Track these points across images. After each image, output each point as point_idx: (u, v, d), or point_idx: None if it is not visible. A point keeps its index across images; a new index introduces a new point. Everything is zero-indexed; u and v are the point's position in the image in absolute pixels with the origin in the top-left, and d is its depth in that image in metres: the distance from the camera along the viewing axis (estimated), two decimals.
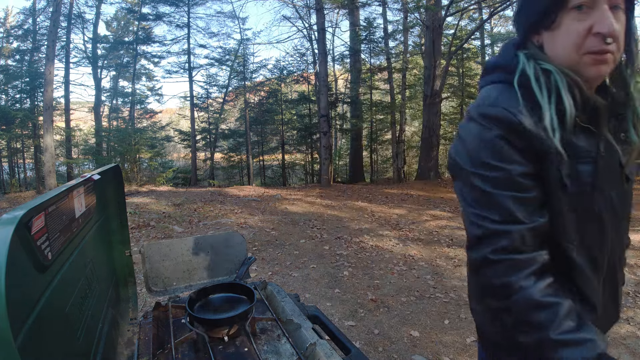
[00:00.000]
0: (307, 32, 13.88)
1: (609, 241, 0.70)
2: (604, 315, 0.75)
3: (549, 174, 0.64)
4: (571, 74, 0.64)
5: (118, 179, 1.45)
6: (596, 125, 0.66)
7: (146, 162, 13.15)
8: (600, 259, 0.71)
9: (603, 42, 0.60)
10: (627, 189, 0.73)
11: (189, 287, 1.44)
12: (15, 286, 0.54)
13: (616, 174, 0.70)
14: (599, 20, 0.60)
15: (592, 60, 0.62)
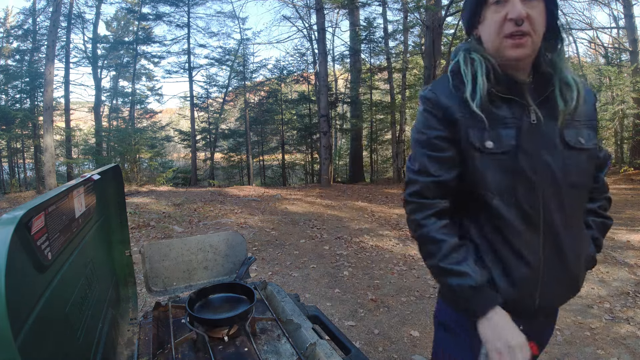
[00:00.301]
0: (307, 32, 13.88)
1: (540, 200, 0.80)
2: (550, 276, 0.83)
3: (460, 137, 0.81)
4: (490, 58, 0.80)
5: (118, 179, 1.45)
6: (521, 97, 0.80)
7: (146, 162, 13.15)
8: (535, 217, 0.80)
9: (515, 25, 0.74)
10: (569, 155, 0.81)
11: (189, 287, 1.44)
12: (15, 286, 0.54)
13: (551, 140, 0.80)
14: (511, 9, 0.74)
15: (511, 44, 0.76)
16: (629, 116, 12.84)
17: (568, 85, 0.81)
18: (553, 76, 0.81)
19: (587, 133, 0.84)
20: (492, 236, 0.83)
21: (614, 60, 15.94)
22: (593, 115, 0.87)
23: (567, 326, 2.63)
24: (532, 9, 0.75)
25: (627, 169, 11.91)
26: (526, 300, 0.84)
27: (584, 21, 16.67)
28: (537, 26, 0.76)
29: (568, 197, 0.82)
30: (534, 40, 0.76)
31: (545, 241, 0.82)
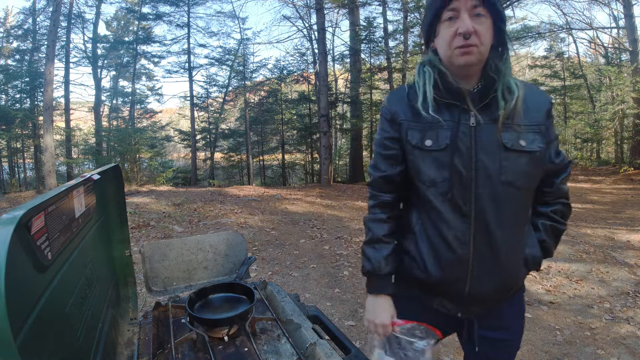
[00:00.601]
0: (307, 32, 13.88)
1: (473, 195, 0.88)
2: (482, 268, 0.91)
3: (401, 137, 0.96)
4: (442, 68, 0.90)
5: (118, 179, 1.45)
6: (462, 103, 0.89)
7: (146, 162, 13.14)
8: (466, 210, 0.89)
9: (463, 38, 0.84)
10: (506, 156, 0.88)
11: (189, 287, 1.44)
12: (15, 286, 0.53)
13: (489, 141, 0.88)
14: (461, 24, 0.84)
15: (459, 53, 0.86)
16: (629, 116, 12.84)
17: (510, 90, 0.88)
18: (496, 82, 0.89)
19: (532, 137, 0.89)
20: (428, 226, 0.95)
21: (614, 60, 15.93)
22: (542, 121, 0.92)
23: (567, 326, 2.63)
24: (480, 25, 0.85)
25: (627, 169, 11.90)
26: (456, 286, 0.94)
27: (584, 21, 16.65)
28: (484, 39, 0.85)
29: (503, 195, 0.88)
30: (480, 51, 0.86)
31: (477, 234, 0.90)
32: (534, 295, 3.16)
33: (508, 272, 0.94)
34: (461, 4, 0.84)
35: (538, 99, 0.93)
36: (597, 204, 7.55)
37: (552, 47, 18.77)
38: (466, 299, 0.95)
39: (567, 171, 1.00)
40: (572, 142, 18.59)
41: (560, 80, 18.36)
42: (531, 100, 0.91)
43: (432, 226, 0.94)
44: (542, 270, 3.74)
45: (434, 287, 0.98)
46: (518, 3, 11.21)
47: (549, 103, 0.94)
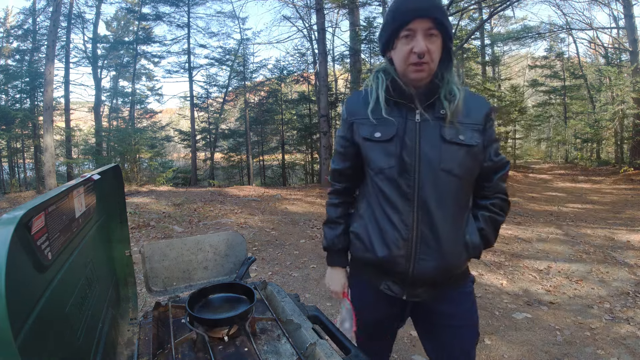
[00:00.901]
0: (307, 32, 13.88)
1: (416, 180, 1.01)
2: (424, 248, 1.02)
3: (353, 137, 1.12)
4: (393, 75, 1.04)
5: (118, 179, 1.45)
6: (410, 102, 1.03)
7: (146, 162, 13.14)
8: (410, 194, 1.01)
9: (418, 57, 0.96)
10: (446, 148, 1.00)
11: (189, 287, 1.44)
12: (15, 286, 0.54)
13: (431, 134, 1.01)
14: (416, 44, 0.96)
15: (413, 70, 0.99)
16: (629, 116, 12.83)
17: (452, 94, 1.02)
18: (440, 87, 1.02)
19: (471, 134, 1.02)
20: (376, 209, 1.07)
21: (614, 60, 15.93)
22: (481, 122, 1.05)
23: (567, 326, 2.63)
24: (432, 44, 0.97)
25: (627, 169, 11.90)
26: (401, 265, 1.04)
27: (584, 21, 16.65)
28: (435, 56, 0.99)
29: (441, 180, 1.00)
30: (431, 67, 0.99)
31: (419, 215, 1.01)
32: (534, 296, 3.16)
33: (449, 254, 1.03)
34: (418, 26, 0.95)
35: (479, 103, 1.07)
36: (597, 204, 7.55)
37: (552, 47, 18.75)
38: (411, 279, 1.05)
39: (505, 169, 1.12)
40: (572, 142, 18.58)
41: (560, 81, 18.34)
42: (472, 103, 1.06)
43: (380, 209, 1.06)
44: (542, 270, 3.75)
45: (381, 266, 1.08)
46: (518, 3, 11.20)
47: (488, 107, 1.07)
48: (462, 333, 1.13)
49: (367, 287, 1.16)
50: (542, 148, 22.72)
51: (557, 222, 5.92)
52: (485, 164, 1.08)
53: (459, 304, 1.12)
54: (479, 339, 1.23)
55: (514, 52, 20.10)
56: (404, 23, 0.96)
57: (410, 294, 1.08)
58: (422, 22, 0.95)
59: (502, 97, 15.11)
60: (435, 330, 1.17)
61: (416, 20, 0.95)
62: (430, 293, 1.08)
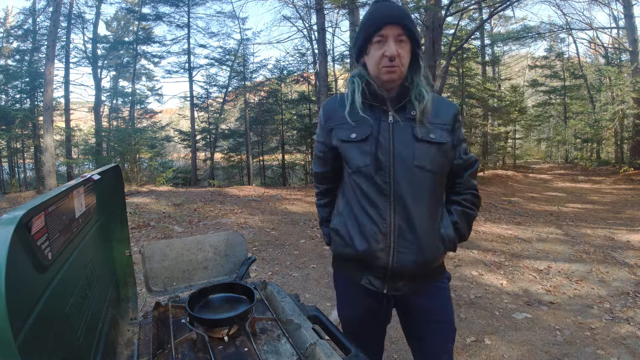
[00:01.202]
0: (307, 32, 13.88)
1: (391, 177, 1.07)
2: (402, 241, 1.07)
3: (330, 141, 1.18)
4: (370, 80, 1.11)
5: (118, 179, 1.45)
6: (383, 104, 1.10)
7: (146, 162, 13.13)
8: (386, 190, 1.07)
9: (389, 60, 1.04)
10: (418, 146, 1.07)
11: (189, 287, 1.43)
12: (15, 286, 0.53)
13: (404, 133, 1.08)
14: (387, 48, 1.04)
15: (385, 71, 1.06)
16: (629, 116, 12.83)
17: (421, 96, 1.10)
18: (410, 90, 1.10)
19: (440, 133, 1.10)
20: (355, 206, 1.13)
21: (614, 60, 15.93)
22: (449, 122, 1.12)
23: (567, 326, 2.63)
24: (402, 49, 1.05)
25: (627, 169, 11.90)
26: (380, 260, 1.09)
27: (584, 21, 16.65)
28: (404, 60, 1.07)
29: (416, 176, 1.07)
30: (401, 70, 1.07)
31: (396, 209, 1.07)
32: (534, 295, 3.16)
33: (426, 247, 1.08)
34: (389, 32, 1.04)
35: (446, 106, 1.16)
36: (597, 204, 7.55)
37: (552, 47, 18.76)
38: (391, 272, 1.10)
39: (474, 167, 1.19)
40: (572, 142, 18.59)
41: (560, 81, 18.34)
42: (440, 105, 1.14)
43: (359, 205, 1.12)
44: (542, 270, 3.75)
45: (362, 261, 1.13)
46: (518, 3, 11.20)
47: (455, 109, 1.16)
48: (441, 328, 1.17)
49: (349, 283, 1.22)
50: (542, 148, 22.72)
51: (557, 222, 5.92)
52: (456, 161, 1.15)
53: (437, 298, 1.17)
54: (479, 339, 1.24)
55: (514, 52, 20.11)
56: (376, 29, 1.04)
57: (391, 288, 1.12)
58: (393, 28, 1.03)
59: (502, 97, 15.10)
60: (416, 326, 1.21)
61: (387, 27, 1.03)
62: (410, 286, 1.13)
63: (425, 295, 1.15)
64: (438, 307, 1.16)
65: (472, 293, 3.21)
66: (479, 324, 2.67)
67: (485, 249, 4.45)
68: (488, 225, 5.67)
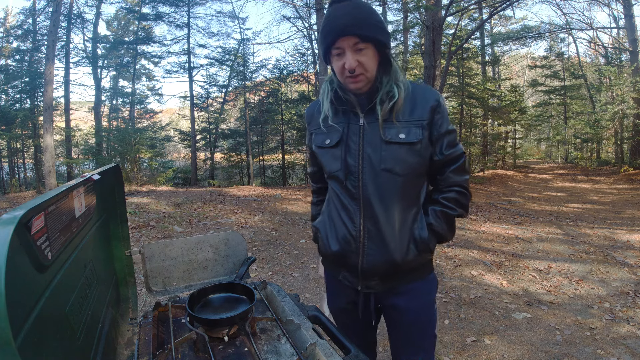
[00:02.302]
0: (307, 32, 13.88)
1: (360, 181, 1.07)
2: (371, 243, 1.08)
3: (312, 142, 1.20)
4: (336, 85, 1.10)
5: (118, 179, 1.45)
6: (353, 108, 1.09)
7: (146, 162, 13.14)
8: (356, 193, 1.08)
9: (349, 72, 1.01)
10: (387, 148, 1.05)
11: (189, 287, 1.43)
12: (15, 286, 0.53)
13: (373, 137, 1.06)
14: (346, 61, 1.00)
15: (350, 81, 1.04)
16: (629, 116, 12.84)
17: (390, 95, 1.05)
18: (379, 91, 1.06)
19: (414, 131, 1.05)
20: (332, 209, 1.17)
21: (614, 60, 15.93)
22: (425, 117, 1.06)
23: (567, 326, 2.63)
24: (363, 56, 1.01)
25: (627, 169, 11.90)
26: (352, 259, 1.11)
27: (584, 21, 16.66)
28: (368, 66, 1.02)
29: (383, 179, 1.05)
30: (367, 77, 1.04)
31: (365, 214, 1.08)
32: (534, 295, 3.16)
33: (394, 249, 1.07)
34: (344, 44, 0.99)
35: (425, 97, 1.08)
36: (597, 204, 7.55)
37: (552, 47, 18.76)
38: (361, 272, 1.12)
39: (459, 162, 1.11)
40: (572, 142, 18.59)
41: (560, 80, 18.34)
42: (418, 98, 1.07)
43: (334, 209, 1.15)
44: (542, 270, 3.75)
45: (336, 260, 1.17)
46: (518, 3, 11.20)
47: (434, 100, 1.07)
48: (416, 329, 1.16)
49: (331, 277, 1.27)
50: (542, 148, 22.72)
51: (557, 222, 5.92)
52: (436, 157, 1.10)
53: (412, 298, 1.14)
54: (479, 339, 1.23)
55: (514, 52, 20.12)
56: (331, 43, 1.01)
57: (364, 285, 1.14)
58: (347, 39, 0.99)
59: (502, 97, 15.11)
60: (392, 326, 1.21)
61: (340, 39, 0.99)
62: (384, 286, 1.13)
63: (399, 295, 1.14)
64: (414, 307, 1.14)
65: (472, 293, 3.21)
66: (479, 324, 2.67)
67: (485, 249, 4.45)
68: (488, 225, 5.67)
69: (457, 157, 1.11)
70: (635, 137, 12.27)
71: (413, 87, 1.08)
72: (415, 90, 1.08)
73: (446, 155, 1.09)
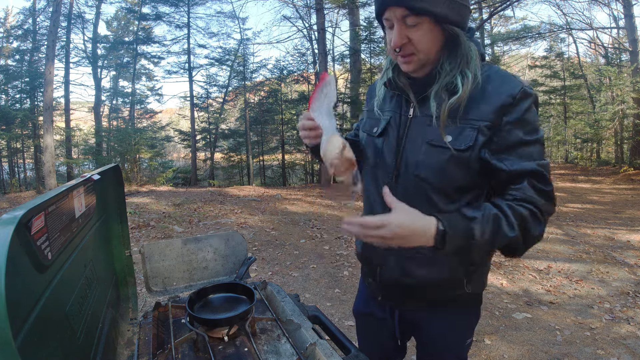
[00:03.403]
0: (307, 32, 13.88)
1: (393, 182, 0.91)
2: (389, 254, 0.96)
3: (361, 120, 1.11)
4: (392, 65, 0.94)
5: (118, 179, 1.45)
6: (405, 94, 0.92)
7: (146, 162, 13.14)
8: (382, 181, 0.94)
9: (394, 51, 0.84)
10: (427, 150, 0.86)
11: (189, 287, 1.43)
12: (15, 286, 0.53)
13: (417, 133, 0.89)
14: (393, 37, 0.82)
15: (400, 60, 0.87)
16: (629, 116, 12.84)
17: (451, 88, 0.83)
18: (437, 78, 0.85)
19: (465, 133, 0.80)
20: (365, 204, 1.05)
21: (614, 60, 15.92)
22: (488, 117, 0.79)
23: (567, 326, 2.63)
24: (415, 32, 0.81)
25: (627, 169, 11.90)
26: (373, 266, 1.01)
27: (584, 21, 16.66)
28: (421, 46, 0.82)
29: (414, 189, 0.88)
30: (420, 58, 0.84)
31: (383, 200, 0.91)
32: (534, 295, 3.16)
33: (417, 268, 0.91)
34: (391, 15, 0.81)
35: (498, 90, 0.80)
36: (597, 204, 7.55)
37: (552, 47, 18.76)
38: (381, 282, 1.00)
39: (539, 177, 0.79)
40: (572, 142, 18.59)
41: (560, 81, 18.34)
42: (491, 91, 0.80)
43: (365, 205, 1.04)
44: (542, 270, 3.74)
45: (363, 263, 1.09)
46: (518, 3, 11.20)
47: (507, 95, 0.78)
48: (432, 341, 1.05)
49: (362, 280, 1.18)
50: None
51: (557, 222, 5.92)
52: (498, 176, 0.81)
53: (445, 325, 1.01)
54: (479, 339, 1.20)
55: (514, 52, 20.11)
56: (379, 13, 0.84)
57: (385, 297, 1.04)
58: (394, 9, 0.79)
59: None
60: (418, 353, 1.11)
61: (388, 9, 0.80)
62: (408, 304, 1.01)
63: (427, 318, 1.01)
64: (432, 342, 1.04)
65: None
66: (479, 324, 2.67)
67: None
68: None
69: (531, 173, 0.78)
70: (635, 137, 12.27)
71: (489, 75, 0.82)
72: (490, 79, 0.82)
73: (511, 171, 0.79)
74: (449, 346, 1.04)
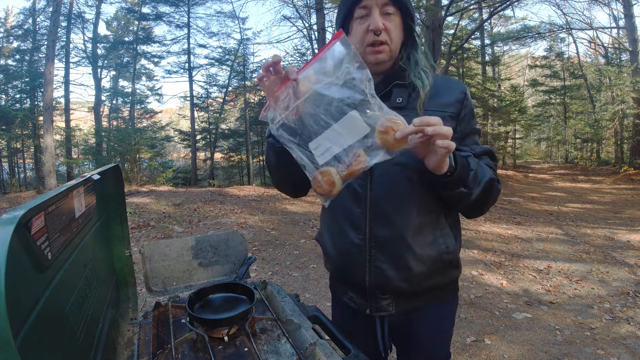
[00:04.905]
0: (307, 32, 13.88)
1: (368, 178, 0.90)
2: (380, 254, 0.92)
3: None
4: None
5: (118, 179, 1.45)
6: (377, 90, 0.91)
7: (146, 162, 13.14)
8: (362, 194, 0.91)
9: (374, 34, 0.86)
10: None
11: (189, 287, 1.43)
12: (15, 286, 0.53)
13: None
14: (372, 21, 0.85)
15: (371, 51, 0.88)
16: (629, 116, 12.84)
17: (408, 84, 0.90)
18: (405, 70, 0.91)
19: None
20: (329, 214, 1.00)
21: (614, 60, 15.93)
22: (452, 105, 0.90)
23: (567, 326, 2.63)
24: (390, 22, 0.87)
25: (627, 169, 11.90)
26: (357, 275, 0.95)
27: (584, 21, 16.66)
28: (393, 35, 0.88)
29: (395, 176, 0.89)
30: (391, 48, 0.89)
31: (372, 215, 0.91)
32: (534, 295, 3.16)
33: (410, 259, 0.90)
34: (372, 2, 0.86)
35: (451, 87, 0.93)
36: (597, 204, 7.55)
37: (552, 47, 18.77)
38: (369, 290, 0.95)
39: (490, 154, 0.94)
40: (572, 142, 18.60)
41: (560, 80, 18.35)
42: (444, 87, 0.92)
43: (332, 214, 0.99)
44: (542, 270, 3.75)
45: (340, 277, 1.03)
46: (518, 3, 11.20)
47: (460, 92, 0.92)
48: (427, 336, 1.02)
49: (337, 301, 1.11)
50: (542, 148, 22.73)
51: (557, 222, 5.92)
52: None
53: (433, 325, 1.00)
54: (479, 339, 1.19)
55: (514, 52, 20.13)
56: (357, 0, 0.88)
57: (374, 307, 0.97)
58: None
59: (502, 97, 15.11)
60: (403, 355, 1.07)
61: None
62: (400, 307, 0.96)
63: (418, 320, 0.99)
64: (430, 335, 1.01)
65: (472, 293, 3.21)
66: (479, 324, 2.67)
67: (485, 249, 4.45)
68: (488, 225, 5.67)
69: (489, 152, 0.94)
70: (635, 137, 12.27)
71: (435, 76, 0.94)
72: (437, 80, 0.94)
73: (476, 153, 0.91)
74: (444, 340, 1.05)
